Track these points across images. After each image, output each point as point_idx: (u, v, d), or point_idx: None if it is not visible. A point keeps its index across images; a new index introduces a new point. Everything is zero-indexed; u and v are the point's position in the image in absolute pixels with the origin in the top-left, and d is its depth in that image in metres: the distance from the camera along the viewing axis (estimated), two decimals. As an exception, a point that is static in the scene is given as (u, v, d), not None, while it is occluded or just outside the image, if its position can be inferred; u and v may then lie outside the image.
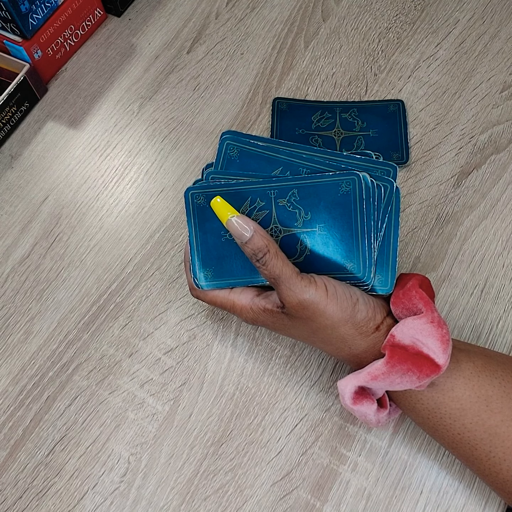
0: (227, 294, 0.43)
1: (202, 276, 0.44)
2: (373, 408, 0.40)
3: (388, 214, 0.42)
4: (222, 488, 0.45)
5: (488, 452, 0.38)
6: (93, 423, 0.48)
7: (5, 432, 0.48)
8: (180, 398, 0.48)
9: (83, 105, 0.63)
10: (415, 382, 0.38)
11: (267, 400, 0.48)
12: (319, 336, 0.41)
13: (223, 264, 0.43)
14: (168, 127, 0.61)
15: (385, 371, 0.38)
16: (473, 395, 0.39)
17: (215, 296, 0.44)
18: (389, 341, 0.39)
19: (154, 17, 0.68)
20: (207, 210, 0.43)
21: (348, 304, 0.39)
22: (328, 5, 0.68)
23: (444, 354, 0.38)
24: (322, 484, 0.45)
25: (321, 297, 0.38)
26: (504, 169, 0.57)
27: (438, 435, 0.41)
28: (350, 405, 0.40)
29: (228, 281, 0.43)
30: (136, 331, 0.51)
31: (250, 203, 0.42)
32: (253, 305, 0.42)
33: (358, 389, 0.40)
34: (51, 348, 0.51)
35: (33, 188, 0.58)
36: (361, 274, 0.41)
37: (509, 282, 0.51)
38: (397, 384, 0.38)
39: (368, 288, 0.42)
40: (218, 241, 0.43)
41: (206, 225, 0.43)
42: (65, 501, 0.46)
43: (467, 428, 0.39)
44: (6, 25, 0.58)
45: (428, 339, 0.38)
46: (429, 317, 0.39)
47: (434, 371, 0.38)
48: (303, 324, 0.40)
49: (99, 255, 0.55)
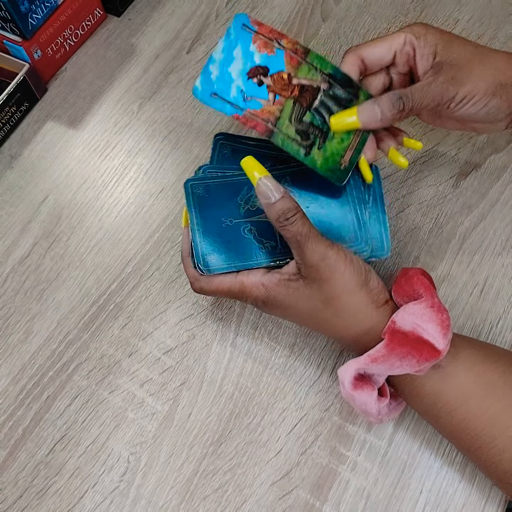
0: (234, 277, 0.43)
1: (206, 261, 0.44)
2: (374, 395, 0.40)
3: (372, 188, 0.46)
4: (222, 487, 0.45)
5: (489, 441, 0.38)
6: (93, 423, 0.48)
7: (5, 431, 0.48)
8: (179, 397, 0.48)
9: (82, 105, 0.63)
10: (414, 366, 0.38)
11: (267, 400, 0.48)
12: (333, 306, 0.41)
13: (226, 248, 0.44)
14: (168, 127, 0.61)
15: (385, 353, 0.38)
16: (477, 381, 0.39)
17: (221, 282, 0.43)
18: (390, 327, 0.40)
19: (154, 17, 0.68)
20: (206, 199, 0.45)
21: (362, 271, 0.41)
22: (328, 5, 0.68)
23: (444, 339, 0.38)
24: (321, 484, 0.45)
25: (341, 259, 0.40)
26: (503, 169, 0.57)
27: (441, 423, 0.41)
28: (350, 390, 0.40)
29: (232, 264, 0.44)
30: (136, 331, 0.51)
31: (246, 192, 0.45)
32: (265, 280, 0.42)
33: (358, 376, 0.40)
34: (51, 348, 0.51)
35: (33, 188, 0.59)
36: (359, 242, 0.44)
37: (509, 282, 0.52)
38: (397, 367, 0.39)
39: (368, 254, 0.44)
40: (219, 228, 0.45)
41: (207, 213, 0.45)
42: (65, 500, 0.46)
43: (469, 415, 0.39)
44: (6, 25, 0.58)
45: (428, 324, 0.38)
46: (429, 301, 0.39)
47: (434, 356, 0.38)
48: (319, 291, 0.40)
49: (99, 255, 0.55)
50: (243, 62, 0.43)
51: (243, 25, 0.43)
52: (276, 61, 0.43)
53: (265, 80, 0.43)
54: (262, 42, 0.43)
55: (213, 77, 0.43)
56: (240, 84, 0.43)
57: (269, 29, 0.43)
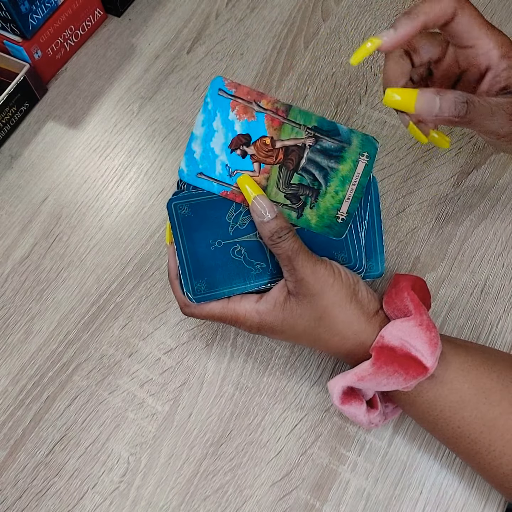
0: (226, 304, 0.43)
1: (195, 289, 0.43)
2: (362, 409, 0.40)
3: (368, 202, 0.44)
4: (222, 488, 0.45)
5: (488, 446, 0.38)
6: (93, 423, 0.48)
7: (5, 432, 0.48)
8: (179, 398, 0.48)
9: (83, 105, 0.63)
10: (401, 384, 0.38)
11: (267, 400, 0.48)
12: (325, 321, 0.41)
13: (216, 273, 0.43)
14: (168, 127, 0.61)
15: (371, 372, 0.39)
16: (472, 388, 0.39)
17: (212, 309, 0.43)
18: (378, 341, 0.40)
19: (154, 17, 0.68)
20: (193, 219, 0.42)
21: (351, 282, 0.41)
22: (328, 5, 0.68)
23: (432, 357, 0.38)
24: (321, 484, 0.45)
25: (330, 272, 0.40)
26: (504, 169, 0.57)
27: (438, 430, 0.41)
28: (338, 405, 0.41)
29: (223, 290, 0.43)
30: (136, 331, 0.51)
31: (235, 209, 0.43)
32: (260, 307, 0.42)
33: (347, 389, 0.40)
34: (51, 348, 0.51)
35: (33, 188, 0.59)
36: (353, 263, 0.43)
37: (509, 282, 0.51)
38: (384, 385, 0.39)
39: (361, 275, 0.44)
40: (207, 251, 0.43)
41: (194, 235, 0.43)
42: (64, 501, 0.46)
43: (466, 421, 0.39)
44: (6, 25, 0.58)
45: (417, 341, 0.38)
46: (418, 320, 0.39)
47: (421, 373, 0.38)
48: (310, 307, 0.40)
49: (99, 255, 0.55)
50: (224, 134, 0.42)
51: (219, 90, 0.42)
52: (257, 127, 0.42)
53: (248, 150, 0.42)
54: (241, 107, 0.42)
55: (197, 156, 0.42)
56: (224, 158, 0.42)
57: (247, 90, 0.42)
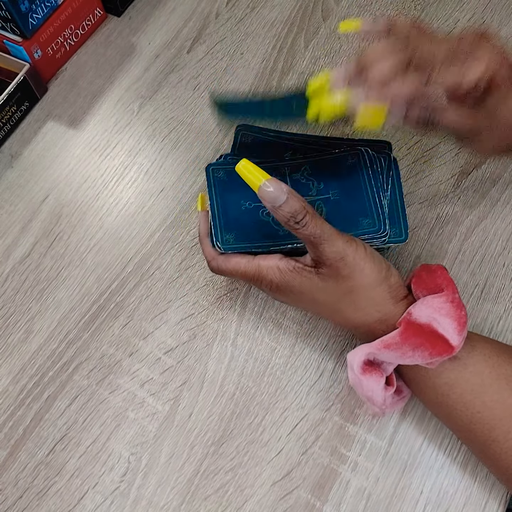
0: (252, 259, 0.43)
1: (224, 240, 0.45)
2: (381, 383, 0.40)
3: (390, 177, 0.48)
4: (223, 487, 0.45)
5: (506, 433, 0.38)
6: (94, 423, 0.48)
7: (6, 431, 0.48)
8: (180, 397, 0.48)
9: (83, 104, 0.63)
10: (426, 358, 0.38)
11: (267, 400, 0.48)
12: (351, 298, 0.40)
13: (245, 229, 0.45)
14: (168, 126, 0.61)
15: (398, 341, 0.38)
16: (493, 373, 0.39)
17: (238, 262, 0.43)
18: (405, 318, 0.39)
19: (154, 16, 0.68)
20: (226, 183, 0.47)
21: (383, 267, 0.40)
22: (328, 5, 0.68)
23: (458, 336, 0.38)
24: (322, 484, 0.45)
25: (361, 254, 0.39)
26: (504, 169, 0.57)
27: (454, 416, 0.40)
28: (359, 374, 0.40)
29: (250, 244, 0.44)
30: (137, 330, 0.51)
31: None
32: (281, 264, 0.41)
33: (368, 362, 0.40)
34: (51, 348, 0.51)
35: (33, 187, 0.58)
36: (377, 227, 0.45)
37: (509, 282, 0.51)
38: (408, 357, 0.38)
39: (386, 239, 0.45)
40: (238, 210, 0.46)
41: (227, 196, 0.46)
42: (65, 501, 0.46)
43: (487, 406, 0.38)
44: (6, 24, 0.58)
45: (446, 318, 0.38)
46: (450, 296, 0.39)
47: (447, 351, 0.38)
48: (336, 285, 0.40)
49: (99, 254, 0.55)
50: None
51: None
52: None
53: None
54: None
55: None
56: None
57: None
